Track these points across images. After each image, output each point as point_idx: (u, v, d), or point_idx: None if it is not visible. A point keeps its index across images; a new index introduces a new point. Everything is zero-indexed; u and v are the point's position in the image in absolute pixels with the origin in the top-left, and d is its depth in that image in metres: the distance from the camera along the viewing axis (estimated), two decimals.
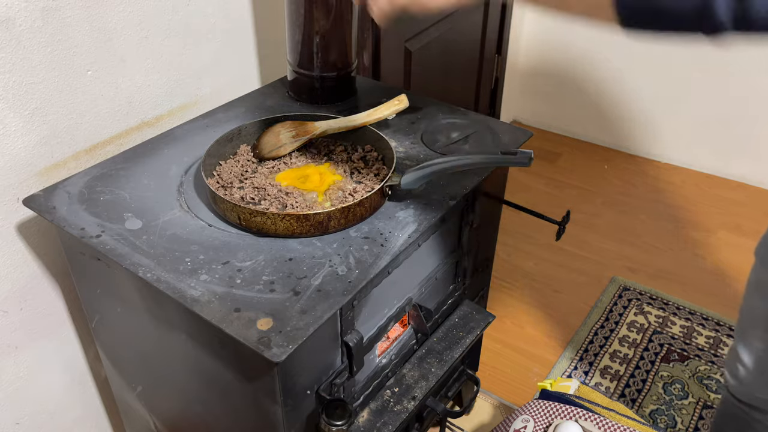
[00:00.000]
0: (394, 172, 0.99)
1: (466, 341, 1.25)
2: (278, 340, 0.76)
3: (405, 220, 0.97)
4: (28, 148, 1.04)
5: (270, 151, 1.10)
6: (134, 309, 0.99)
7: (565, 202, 2.42)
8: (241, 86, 1.39)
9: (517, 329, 1.88)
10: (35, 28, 0.99)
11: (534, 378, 1.72)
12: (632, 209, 2.38)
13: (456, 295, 1.28)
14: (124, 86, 1.16)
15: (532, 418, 1.17)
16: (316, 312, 0.81)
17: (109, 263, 0.93)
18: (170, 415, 1.15)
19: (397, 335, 1.17)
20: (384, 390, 1.14)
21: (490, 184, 1.19)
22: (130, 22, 1.12)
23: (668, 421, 1.59)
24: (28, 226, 1.08)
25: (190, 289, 0.84)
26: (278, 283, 0.85)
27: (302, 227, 0.91)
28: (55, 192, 1.01)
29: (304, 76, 1.27)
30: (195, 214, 0.98)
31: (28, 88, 1.01)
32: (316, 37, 1.21)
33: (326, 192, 1.02)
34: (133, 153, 1.12)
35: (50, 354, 1.21)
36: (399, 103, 1.14)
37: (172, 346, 0.98)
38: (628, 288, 2.00)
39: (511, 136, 1.20)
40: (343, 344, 0.95)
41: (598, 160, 2.68)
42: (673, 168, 2.61)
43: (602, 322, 1.88)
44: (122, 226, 0.94)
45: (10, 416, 1.18)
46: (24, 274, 1.11)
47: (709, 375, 1.71)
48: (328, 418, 0.90)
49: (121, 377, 1.19)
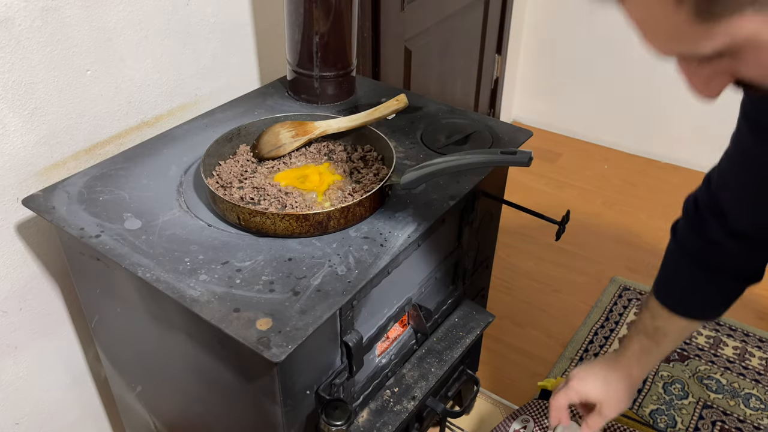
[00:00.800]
0: (393, 172, 0.99)
1: (466, 341, 1.25)
2: (278, 340, 0.76)
3: (405, 220, 0.97)
4: (27, 147, 1.04)
5: (269, 151, 1.10)
6: (134, 309, 0.99)
7: (565, 202, 2.42)
8: (240, 86, 1.39)
9: (517, 329, 1.88)
10: (35, 27, 0.98)
11: (534, 378, 1.72)
12: (632, 209, 2.38)
13: (456, 295, 1.28)
14: (124, 86, 1.15)
15: (532, 418, 1.17)
16: (316, 312, 0.80)
17: (109, 263, 0.93)
18: (170, 415, 1.15)
19: (396, 335, 1.17)
20: (384, 390, 1.14)
21: (490, 184, 1.19)
22: (129, 21, 1.12)
23: (668, 421, 1.59)
24: (27, 226, 1.08)
25: (190, 289, 0.83)
26: (278, 283, 0.85)
27: (302, 227, 0.91)
28: (54, 192, 1.01)
29: (303, 76, 1.27)
30: (194, 214, 0.98)
31: (28, 88, 1.01)
32: (315, 36, 1.20)
33: (326, 192, 1.02)
34: (132, 153, 1.12)
35: (50, 354, 1.21)
36: (399, 103, 1.14)
37: (172, 346, 0.98)
38: (628, 288, 2.00)
39: (511, 136, 1.20)
40: (343, 344, 0.95)
41: (598, 160, 2.68)
42: (673, 168, 2.61)
43: (602, 322, 1.88)
44: (122, 226, 0.94)
45: (10, 416, 1.18)
46: (23, 274, 1.11)
47: (709, 375, 1.71)
48: (327, 418, 0.90)
49: (121, 377, 1.19)
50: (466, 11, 2.13)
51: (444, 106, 1.30)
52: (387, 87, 1.40)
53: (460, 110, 1.28)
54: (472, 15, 2.20)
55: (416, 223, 0.97)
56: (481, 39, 2.31)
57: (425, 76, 2.01)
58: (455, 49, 2.15)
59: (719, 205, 0.89)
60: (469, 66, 2.31)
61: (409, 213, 0.99)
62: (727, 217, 0.88)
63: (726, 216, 0.88)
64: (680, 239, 0.96)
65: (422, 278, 1.13)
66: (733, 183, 0.86)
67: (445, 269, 1.19)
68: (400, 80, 1.86)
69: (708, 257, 0.92)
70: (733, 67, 0.51)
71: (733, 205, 0.87)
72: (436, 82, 2.10)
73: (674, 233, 0.97)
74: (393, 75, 1.82)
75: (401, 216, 0.98)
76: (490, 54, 2.41)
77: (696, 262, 0.93)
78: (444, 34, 2.03)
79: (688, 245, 0.94)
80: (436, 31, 1.98)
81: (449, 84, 2.20)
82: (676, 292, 0.96)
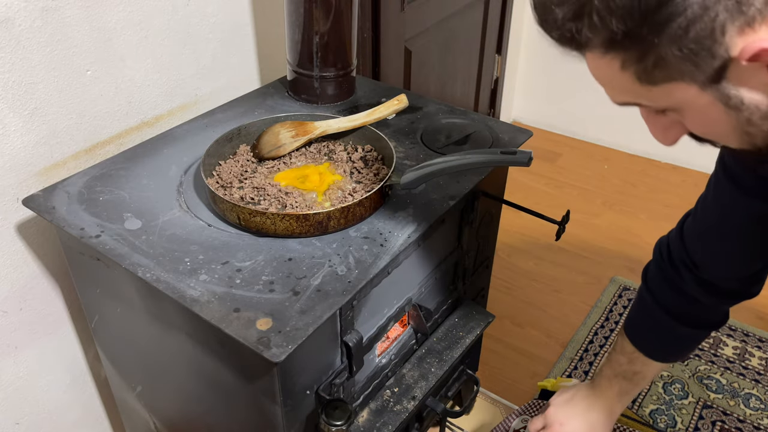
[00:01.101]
0: (393, 172, 0.99)
1: (466, 341, 1.25)
2: (278, 340, 0.76)
3: (405, 220, 0.97)
4: (27, 148, 1.04)
5: (269, 151, 1.10)
6: (134, 309, 0.99)
7: (565, 202, 2.42)
8: (240, 86, 1.39)
9: (517, 329, 1.88)
10: (35, 28, 0.98)
11: (534, 378, 1.72)
12: (632, 209, 2.38)
13: (456, 295, 1.28)
14: (124, 86, 1.15)
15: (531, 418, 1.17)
16: (316, 312, 0.80)
17: (109, 263, 0.93)
18: (170, 415, 1.15)
19: (396, 335, 1.17)
20: (384, 390, 1.14)
21: (490, 184, 1.19)
22: (129, 22, 1.12)
23: (668, 421, 1.59)
24: (27, 226, 1.08)
25: (190, 289, 0.83)
26: (278, 283, 0.85)
27: (302, 227, 0.91)
28: (54, 192, 1.01)
29: (303, 76, 1.27)
30: (194, 214, 0.98)
31: (28, 88, 1.01)
32: (315, 36, 1.21)
33: (326, 192, 1.02)
34: (132, 153, 1.12)
35: (50, 354, 1.21)
36: (399, 103, 1.14)
37: (172, 346, 0.98)
38: (628, 288, 2.00)
39: (511, 136, 1.20)
40: (343, 344, 0.95)
41: (598, 160, 2.68)
42: (673, 168, 2.61)
43: (602, 322, 1.88)
44: (122, 226, 0.94)
45: (10, 416, 1.18)
46: (24, 274, 1.11)
47: (709, 375, 1.71)
48: (327, 418, 0.90)
49: (121, 377, 1.19)
50: (466, 11, 2.13)
51: (444, 106, 1.30)
52: (387, 87, 1.40)
53: (460, 110, 1.28)
54: (472, 15, 2.20)
55: (416, 223, 0.97)
56: (481, 39, 2.31)
57: (425, 76, 2.01)
58: (455, 49, 2.15)
59: (691, 256, 0.90)
60: (469, 66, 2.31)
61: (409, 213, 0.99)
62: (699, 268, 0.90)
63: (698, 267, 0.90)
64: (651, 287, 0.98)
65: (422, 278, 1.13)
66: (708, 233, 0.89)
67: (445, 269, 1.19)
68: (400, 80, 1.86)
69: (679, 307, 0.94)
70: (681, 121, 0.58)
71: (707, 256, 0.89)
72: (436, 82, 2.10)
73: (645, 278, 0.99)
74: (393, 75, 1.82)
75: (401, 216, 0.98)
76: (490, 54, 2.41)
77: (667, 311, 0.95)
78: (444, 34, 2.04)
79: (659, 294, 0.96)
80: (436, 31, 1.98)
81: (449, 84, 2.20)
82: (651, 339, 0.98)
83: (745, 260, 0.87)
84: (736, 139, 0.57)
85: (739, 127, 0.55)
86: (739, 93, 0.52)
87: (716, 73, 0.51)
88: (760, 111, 0.53)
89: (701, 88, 0.53)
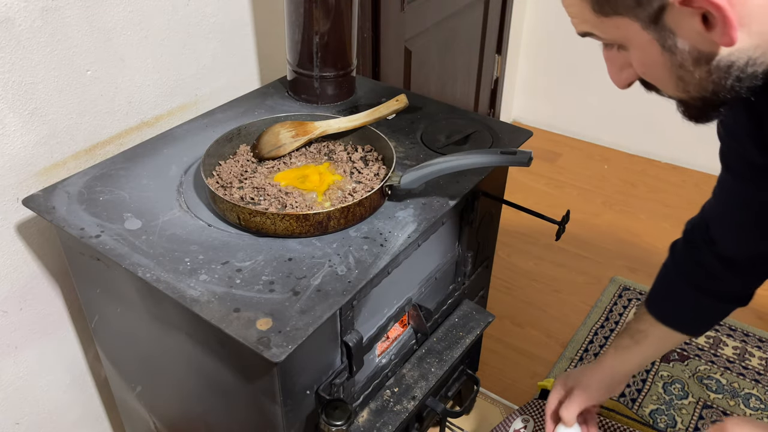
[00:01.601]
0: (393, 172, 0.99)
1: (466, 341, 1.25)
2: (278, 340, 0.76)
3: (405, 220, 0.97)
4: (27, 148, 1.04)
5: (269, 151, 1.10)
6: (134, 309, 0.99)
7: (565, 202, 2.42)
8: (240, 86, 1.39)
9: (517, 329, 1.88)
10: (35, 28, 0.99)
11: (534, 378, 1.72)
12: (632, 209, 2.38)
13: (456, 295, 1.28)
14: (124, 86, 1.15)
15: (532, 418, 1.17)
16: (316, 312, 0.80)
17: (109, 263, 0.93)
18: (170, 415, 1.15)
19: (396, 335, 1.17)
20: (384, 390, 1.14)
21: (490, 184, 1.19)
22: (129, 21, 1.12)
23: (668, 421, 1.59)
24: (27, 226, 1.08)
25: (190, 289, 0.83)
26: (278, 283, 0.85)
27: (302, 227, 0.91)
28: (54, 192, 1.01)
29: (303, 76, 1.27)
30: (194, 214, 0.98)
31: (28, 88, 1.01)
32: (315, 36, 1.21)
33: (326, 192, 1.02)
34: (132, 153, 1.12)
35: (50, 354, 1.21)
36: (399, 102, 1.14)
37: (172, 346, 0.98)
38: (628, 288, 2.00)
39: (511, 136, 1.20)
40: (343, 344, 0.95)
41: (598, 160, 2.68)
42: (673, 168, 2.61)
43: (602, 322, 1.88)
44: (122, 226, 0.94)
45: (10, 416, 1.18)
46: (24, 275, 1.11)
47: (709, 375, 1.71)
48: (327, 418, 0.90)
49: (121, 377, 1.19)
50: (466, 11, 2.13)
51: (444, 106, 1.30)
52: (387, 87, 1.40)
53: (460, 110, 1.28)
54: (472, 15, 2.20)
55: (416, 223, 0.97)
56: (481, 39, 2.31)
57: (425, 76, 2.01)
58: (455, 49, 2.15)
59: (709, 232, 0.94)
60: (469, 66, 2.31)
61: (409, 213, 0.99)
62: (716, 243, 0.93)
63: (715, 243, 0.93)
64: (676, 258, 1.02)
65: (422, 278, 1.13)
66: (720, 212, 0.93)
67: (445, 269, 1.19)
68: (400, 80, 1.86)
69: (699, 278, 0.98)
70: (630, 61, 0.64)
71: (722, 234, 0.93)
72: (436, 82, 2.10)
73: (672, 251, 1.03)
74: (393, 75, 1.82)
75: (401, 216, 0.98)
76: (490, 54, 2.41)
77: (688, 281, 0.99)
78: (444, 34, 2.04)
79: (682, 265, 1.00)
80: (436, 31, 1.98)
81: (449, 84, 2.20)
82: (665, 305, 1.02)
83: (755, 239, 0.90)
84: (672, 84, 0.63)
85: (674, 71, 0.60)
86: (674, 36, 0.57)
87: (656, 14, 0.56)
88: (692, 57, 0.58)
89: (643, 27, 0.58)
